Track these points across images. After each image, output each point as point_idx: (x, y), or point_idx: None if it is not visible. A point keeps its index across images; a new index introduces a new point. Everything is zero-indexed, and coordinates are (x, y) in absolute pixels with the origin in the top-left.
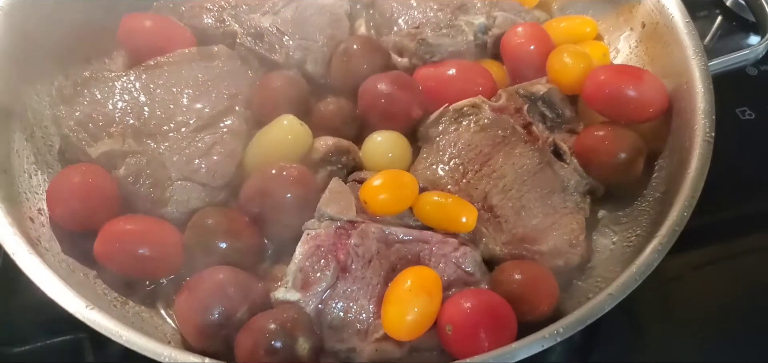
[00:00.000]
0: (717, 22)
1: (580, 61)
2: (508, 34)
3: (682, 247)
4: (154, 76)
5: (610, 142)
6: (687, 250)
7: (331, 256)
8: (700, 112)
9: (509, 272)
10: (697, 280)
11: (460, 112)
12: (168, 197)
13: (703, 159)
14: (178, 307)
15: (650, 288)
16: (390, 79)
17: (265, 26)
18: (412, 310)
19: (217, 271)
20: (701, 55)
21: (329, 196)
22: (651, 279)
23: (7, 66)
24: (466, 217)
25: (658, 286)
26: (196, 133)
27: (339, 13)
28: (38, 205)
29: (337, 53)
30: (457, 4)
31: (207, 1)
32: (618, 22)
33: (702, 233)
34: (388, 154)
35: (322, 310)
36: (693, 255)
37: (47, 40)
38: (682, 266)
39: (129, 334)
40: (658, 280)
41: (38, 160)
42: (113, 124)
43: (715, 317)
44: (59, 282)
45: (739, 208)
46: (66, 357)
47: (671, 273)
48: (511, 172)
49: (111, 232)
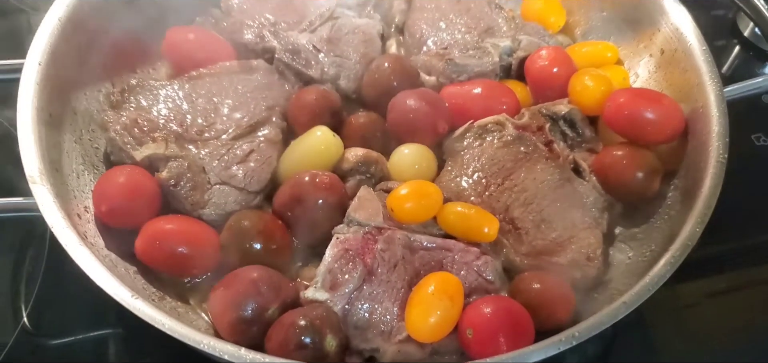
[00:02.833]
0: (735, 52)
1: (601, 84)
2: (532, 57)
3: (699, 274)
4: (196, 86)
5: (628, 161)
6: (704, 276)
7: (359, 260)
8: (714, 135)
9: (528, 282)
10: (713, 307)
11: (484, 129)
12: (206, 200)
13: (715, 178)
14: (213, 302)
15: (668, 313)
16: (418, 95)
17: (302, 43)
18: (434, 313)
19: (251, 269)
20: (717, 81)
21: (358, 203)
22: (668, 304)
23: (61, 73)
24: (488, 228)
25: (675, 312)
26: (235, 140)
27: (372, 34)
28: (85, 202)
29: (369, 70)
30: (483, 28)
31: (248, 18)
32: (638, 48)
33: (719, 260)
34: (415, 165)
35: (349, 311)
36: (710, 282)
37: (97, 50)
38: (699, 293)
39: (171, 322)
40: (675, 306)
41: (85, 161)
42: (157, 130)
43: (730, 344)
44: (107, 272)
45: (754, 235)
46: (103, 349)
47: (689, 299)
48: (532, 187)
49: (152, 230)
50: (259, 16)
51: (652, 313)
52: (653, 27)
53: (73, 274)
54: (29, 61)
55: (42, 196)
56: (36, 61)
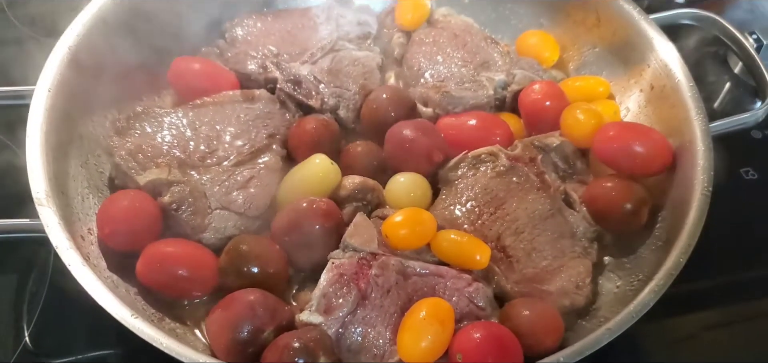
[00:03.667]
0: (726, 88)
1: (592, 118)
2: (525, 90)
3: (695, 307)
4: (199, 114)
5: (617, 193)
6: (700, 310)
7: (353, 284)
8: (699, 169)
9: (518, 308)
10: (709, 341)
11: (478, 159)
12: (207, 224)
13: (700, 211)
14: (211, 324)
15: (664, 347)
16: (414, 125)
17: (303, 74)
18: (425, 337)
19: (249, 292)
20: (703, 117)
21: (354, 230)
22: (664, 337)
23: (69, 100)
24: (480, 255)
25: (671, 345)
26: (236, 167)
27: (371, 66)
28: (89, 225)
29: (367, 101)
30: (479, 62)
31: (251, 49)
32: (629, 83)
33: (710, 294)
34: (410, 193)
35: (343, 334)
36: (706, 315)
37: (104, 78)
38: (695, 326)
39: (169, 341)
40: (671, 339)
41: (90, 185)
42: (161, 156)
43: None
44: (108, 292)
45: (748, 269)
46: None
47: (684, 332)
48: (523, 216)
49: (153, 253)
50: (262, 47)
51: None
52: (643, 63)
53: (75, 295)
54: (39, 88)
55: (48, 217)
56: (46, 88)
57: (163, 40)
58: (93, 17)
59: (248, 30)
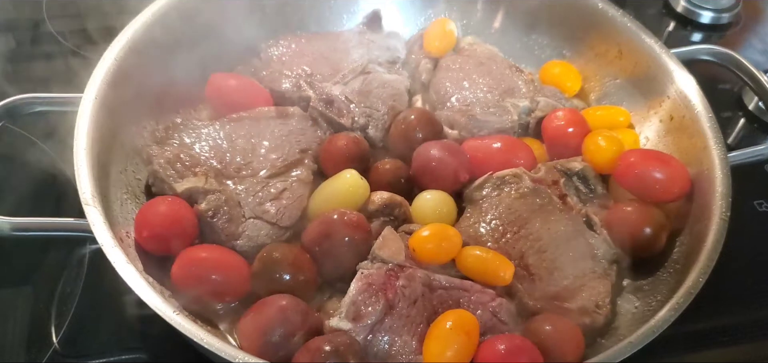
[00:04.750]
0: (740, 124)
1: (613, 145)
2: (549, 117)
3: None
4: (236, 128)
5: (636, 217)
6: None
7: (381, 294)
8: (717, 195)
9: (541, 323)
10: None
11: (502, 180)
12: (240, 232)
13: (718, 234)
14: (243, 327)
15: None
16: (441, 146)
17: (335, 94)
18: (452, 346)
19: (280, 298)
20: (721, 146)
21: (382, 242)
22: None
23: (112, 109)
24: (505, 272)
25: None
26: (270, 179)
27: (400, 89)
28: (127, 229)
29: (396, 121)
30: (504, 88)
31: (286, 69)
32: (649, 114)
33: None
34: (436, 210)
35: (370, 342)
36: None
37: (146, 90)
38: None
39: (209, 337)
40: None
41: (128, 191)
42: (198, 165)
43: None
44: (152, 290)
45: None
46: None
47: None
48: (546, 236)
49: (188, 257)
50: (296, 67)
51: None
52: (663, 95)
53: (108, 297)
54: (87, 95)
55: (94, 216)
56: (92, 95)
57: (201, 57)
58: (141, 29)
59: (283, 51)
